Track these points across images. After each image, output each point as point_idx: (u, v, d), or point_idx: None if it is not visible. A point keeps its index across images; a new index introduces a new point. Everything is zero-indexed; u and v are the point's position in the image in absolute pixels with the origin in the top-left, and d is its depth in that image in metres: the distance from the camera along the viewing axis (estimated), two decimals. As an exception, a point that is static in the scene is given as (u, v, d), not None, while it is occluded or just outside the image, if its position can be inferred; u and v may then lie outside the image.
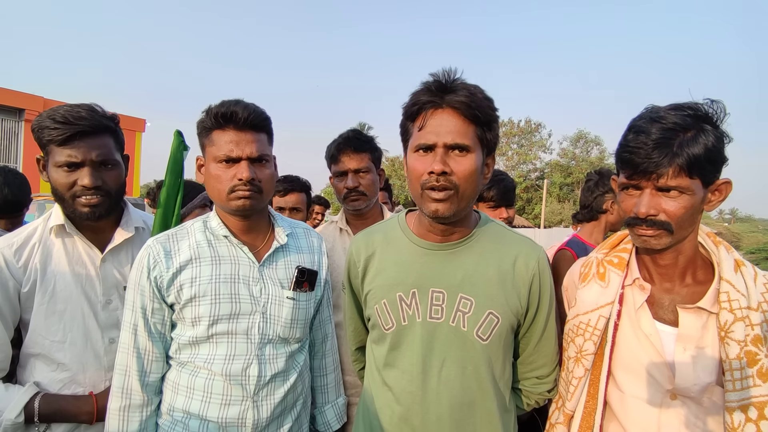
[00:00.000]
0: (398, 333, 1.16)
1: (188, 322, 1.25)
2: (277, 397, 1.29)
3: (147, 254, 1.26)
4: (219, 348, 1.24)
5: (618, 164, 1.07)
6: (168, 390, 1.28)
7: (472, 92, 1.06)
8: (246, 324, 1.27)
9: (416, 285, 1.15)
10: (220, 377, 1.23)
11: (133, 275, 1.26)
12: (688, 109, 1.01)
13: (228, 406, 1.23)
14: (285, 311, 1.32)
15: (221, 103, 1.27)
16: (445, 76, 1.07)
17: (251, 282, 1.30)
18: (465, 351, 1.12)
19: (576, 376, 1.15)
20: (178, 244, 1.29)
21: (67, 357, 1.30)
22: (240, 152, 1.24)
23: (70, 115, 1.26)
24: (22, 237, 1.32)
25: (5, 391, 1.25)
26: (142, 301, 1.24)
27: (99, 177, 1.30)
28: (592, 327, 1.13)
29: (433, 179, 1.04)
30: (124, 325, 1.25)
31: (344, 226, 1.94)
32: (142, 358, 1.24)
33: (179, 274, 1.25)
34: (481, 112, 1.06)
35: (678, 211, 1.00)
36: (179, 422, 1.24)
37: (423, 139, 1.06)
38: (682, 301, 1.06)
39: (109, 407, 1.23)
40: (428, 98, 1.06)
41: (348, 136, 1.88)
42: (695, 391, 1.01)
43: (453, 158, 1.06)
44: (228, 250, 1.31)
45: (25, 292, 1.28)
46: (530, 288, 1.16)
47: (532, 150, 41.53)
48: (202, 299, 1.23)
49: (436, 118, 1.06)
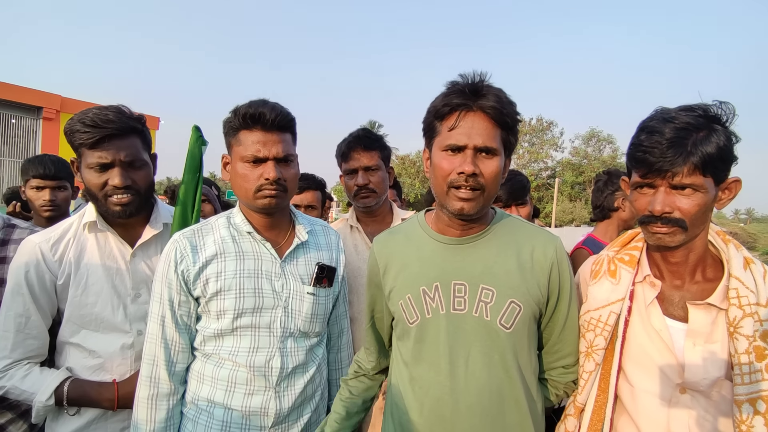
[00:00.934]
0: (422, 326, 1.18)
1: (213, 315, 1.30)
2: (298, 388, 1.35)
3: (174, 248, 1.30)
4: (243, 341, 1.30)
5: (631, 164, 1.10)
6: (193, 380, 1.33)
7: (500, 97, 1.10)
8: (269, 318, 1.32)
9: (438, 278, 1.18)
10: (245, 368, 1.28)
11: (160, 268, 1.32)
12: (698, 110, 1.04)
13: (251, 395, 1.29)
14: (305, 306, 1.37)
15: (249, 104, 1.30)
16: (475, 79, 1.11)
17: (273, 277, 1.35)
18: (490, 340, 1.14)
19: (586, 370, 1.18)
20: (204, 239, 1.34)
21: (97, 345, 1.37)
22: (267, 152, 1.28)
23: (99, 119, 1.32)
24: (58, 232, 1.39)
25: (39, 375, 1.33)
26: (170, 294, 1.29)
27: (128, 177, 1.36)
28: (602, 323, 1.16)
29: (462, 179, 1.08)
30: (152, 316, 1.31)
31: (355, 223, 1.98)
32: (170, 348, 1.30)
33: (205, 269, 1.30)
34: (509, 117, 1.11)
35: (692, 209, 1.03)
36: (204, 411, 1.29)
37: (453, 139, 1.10)
38: (692, 297, 1.09)
39: (138, 396, 1.28)
40: (461, 100, 1.10)
41: (358, 135, 1.92)
42: (704, 385, 1.04)
43: (481, 160, 1.10)
44: (251, 246, 1.36)
45: (61, 284, 1.35)
46: (549, 276, 1.19)
47: (543, 148, 41.18)
48: (227, 293, 1.28)
49: (468, 120, 1.09)
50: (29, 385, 1.31)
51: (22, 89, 11.77)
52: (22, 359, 1.34)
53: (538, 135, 41.32)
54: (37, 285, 1.32)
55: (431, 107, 1.16)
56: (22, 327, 1.32)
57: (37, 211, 2.28)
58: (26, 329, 1.33)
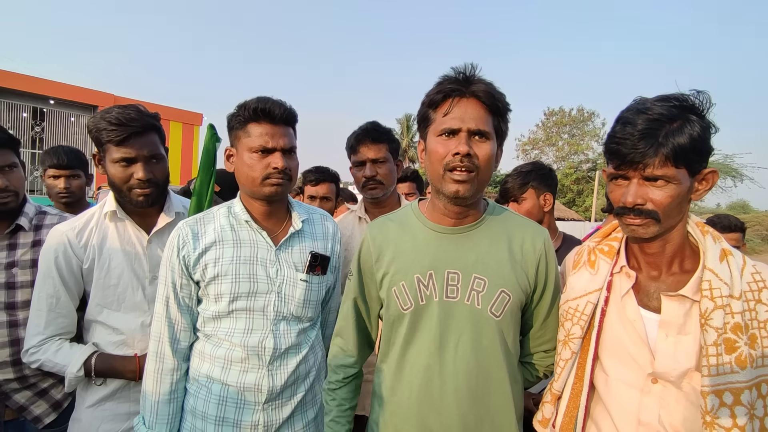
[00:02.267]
0: (416, 312, 1.23)
1: (212, 298, 1.40)
2: (290, 367, 1.43)
3: (177, 235, 1.41)
4: (238, 322, 1.39)
5: (606, 155, 1.11)
6: (195, 358, 1.44)
7: (491, 85, 1.17)
8: (263, 302, 1.41)
9: (433, 267, 1.22)
10: (240, 348, 1.38)
11: (165, 253, 1.43)
12: (674, 100, 1.04)
13: (246, 373, 1.38)
14: (298, 292, 1.46)
15: (258, 99, 1.41)
16: (468, 68, 1.17)
17: (268, 264, 1.44)
18: (480, 327, 1.20)
19: (563, 358, 1.21)
20: (205, 227, 1.44)
21: (120, 323, 1.53)
22: (275, 143, 1.38)
23: (123, 117, 1.45)
24: (82, 221, 1.55)
25: (70, 350, 1.50)
26: (173, 277, 1.40)
27: (150, 170, 1.51)
28: (579, 312, 1.18)
29: (457, 160, 1.13)
30: (159, 297, 1.42)
31: (363, 214, 2.05)
32: (173, 326, 1.41)
33: (204, 255, 1.40)
34: (500, 103, 1.17)
35: (664, 200, 1.03)
36: (203, 386, 1.40)
37: (448, 123, 1.15)
38: (667, 289, 1.10)
39: (146, 369, 1.41)
40: (454, 86, 1.16)
41: (367, 128, 1.98)
42: (674, 375, 1.05)
43: (475, 143, 1.15)
44: (248, 234, 1.45)
45: (86, 268, 1.51)
46: (537, 267, 1.24)
47: (584, 140, 39.58)
48: (224, 278, 1.38)
49: (461, 105, 1.15)
50: (61, 358, 1.48)
51: (80, 89, 12.62)
52: (54, 335, 1.51)
53: (578, 126, 39.75)
54: (65, 269, 1.49)
55: (425, 98, 1.22)
56: (53, 306, 1.49)
57: (55, 198, 2.49)
58: (57, 308, 1.50)
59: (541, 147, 39.28)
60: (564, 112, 39.66)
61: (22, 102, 12.03)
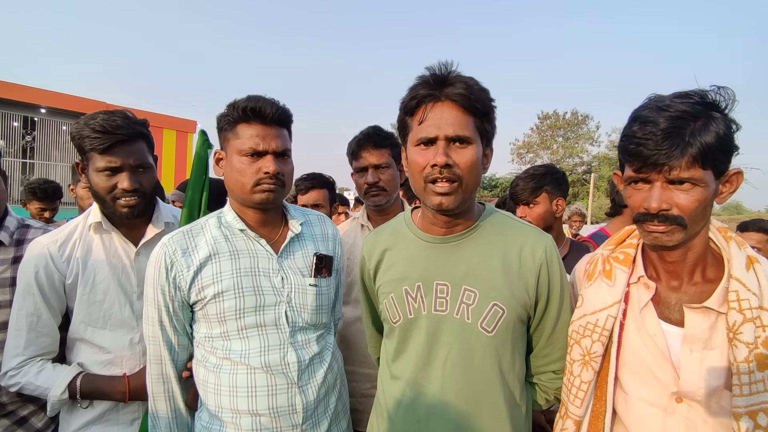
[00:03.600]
0: (405, 326, 1.18)
1: (214, 319, 1.27)
2: (319, 378, 1.33)
3: (163, 253, 1.28)
4: (251, 342, 1.27)
5: (623, 157, 1.03)
6: (210, 394, 1.28)
7: (469, 84, 1.07)
8: (273, 315, 1.30)
9: (421, 278, 1.17)
10: (261, 370, 1.25)
11: (150, 273, 1.30)
12: (694, 96, 0.96)
13: (275, 396, 1.26)
14: (309, 299, 1.36)
15: (248, 98, 1.30)
16: (441, 69, 1.09)
17: (271, 273, 1.33)
18: (470, 343, 1.13)
19: (585, 380, 1.11)
20: (195, 240, 1.32)
21: (106, 341, 1.43)
22: (266, 146, 1.27)
23: (108, 125, 1.37)
24: (65, 233, 1.46)
25: (53, 371, 1.40)
26: (164, 300, 1.28)
27: (136, 180, 1.42)
28: (600, 327, 1.09)
29: (436, 172, 1.06)
30: (149, 320, 1.30)
31: (365, 222, 1.98)
32: (172, 348, 1.34)
33: (200, 272, 1.28)
34: (480, 103, 1.08)
35: (691, 205, 0.95)
36: (229, 423, 1.25)
37: (424, 132, 1.08)
38: (690, 300, 1.02)
39: (153, 391, 1.33)
40: (427, 92, 1.08)
41: (368, 132, 1.91)
42: (702, 394, 0.98)
43: (455, 150, 1.07)
44: (245, 244, 1.34)
45: (69, 284, 1.42)
46: (538, 278, 1.14)
47: (578, 143, 39.80)
48: (225, 294, 1.26)
49: (436, 111, 1.08)
50: (43, 380, 1.38)
51: (71, 97, 12.47)
52: (35, 356, 1.41)
53: (572, 129, 39.97)
54: (46, 285, 1.40)
55: (401, 104, 1.15)
56: (33, 325, 1.40)
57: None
58: (38, 327, 1.40)
59: (535, 150, 39.48)
60: (558, 116, 39.94)
61: (12, 111, 11.89)
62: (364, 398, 1.79)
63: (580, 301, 1.17)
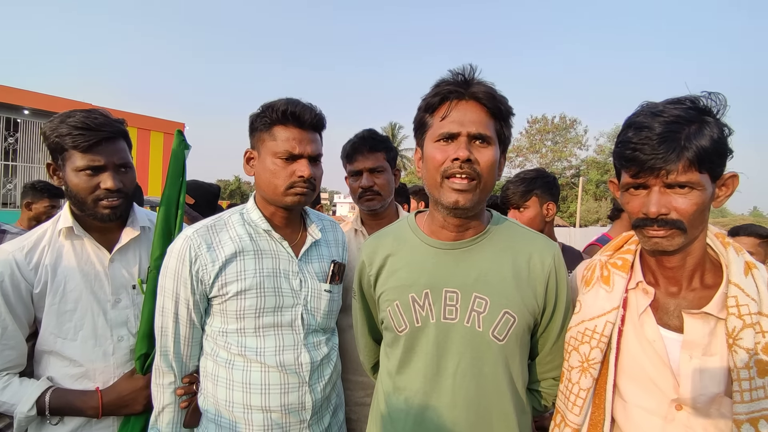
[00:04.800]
0: (411, 335, 1.14)
1: (231, 315, 1.28)
2: (326, 377, 1.38)
3: (188, 246, 1.27)
4: (267, 341, 1.29)
5: (619, 163, 1.01)
6: (221, 388, 1.30)
7: (492, 87, 1.09)
8: (290, 316, 1.32)
9: (429, 285, 1.12)
10: (275, 369, 1.28)
11: (172, 265, 1.29)
12: (686, 101, 0.96)
13: (287, 394, 1.29)
14: (323, 303, 1.39)
15: (288, 101, 1.31)
16: (467, 69, 1.09)
17: (291, 276, 1.35)
18: (481, 352, 1.09)
19: (583, 387, 1.08)
20: (219, 236, 1.32)
21: (78, 354, 1.35)
22: (302, 150, 1.29)
23: (90, 122, 1.31)
24: (32, 240, 1.37)
25: (19, 386, 1.31)
26: (185, 293, 1.28)
27: (120, 180, 1.36)
28: (599, 334, 1.06)
29: (456, 166, 1.04)
30: (163, 311, 1.30)
31: (359, 227, 1.93)
32: (180, 342, 1.32)
33: (225, 268, 1.28)
34: (502, 105, 1.09)
35: (690, 208, 0.94)
36: (240, 419, 1.28)
37: (446, 128, 1.07)
38: (689, 306, 1.00)
39: (162, 383, 1.32)
40: (453, 88, 1.08)
41: (363, 136, 1.88)
42: (702, 401, 0.94)
43: (476, 148, 1.06)
44: (269, 245, 1.35)
45: (37, 293, 1.33)
46: (546, 286, 1.14)
47: (567, 147, 40.23)
48: (248, 293, 1.27)
49: (460, 109, 1.07)
50: (9, 396, 1.29)
51: (55, 99, 12.27)
52: (1, 371, 1.32)
53: (561, 133, 40.40)
54: (12, 295, 1.31)
55: (422, 102, 1.13)
56: None
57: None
58: (3, 340, 1.31)
59: (525, 154, 39.80)
60: (547, 120, 40.34)
61: (-6, 113, 11.64)
62: (358, 407, 1.74)
63: (578, 307, 1.14)
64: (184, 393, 1.34)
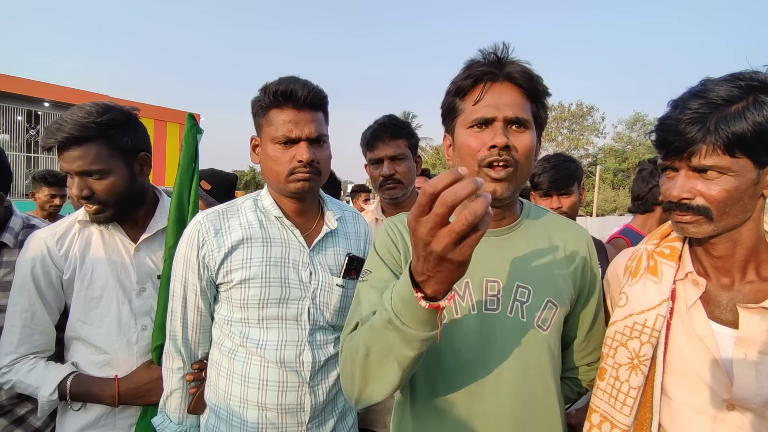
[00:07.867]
0: (450, 328, 1.06)
1: (236, 303, 1.24)
2: (332, 379, 1.29)
3: (197, 231, 1.25)
4: (270, 333, 1.24)
5: (653, 143, 0.97)
6: (222, 377, 1.27)
7: (527, 67, 1.01)
8: (296, 310, 1.25)
9: (468, 275, 1.03)
10: (275, 365, 1.23)
11: (182, 249, 1.27)
12: (743, 78, 0.87)
13: (285, 393, 1.23)
14: (334, 298, 1.30)
15: (279, 81, 1.23)
16: (500, 49, 1.01)
17: (301, 267, 1.28)
18: (526, 343, 1.03)
19: (634, 385, 1.01)
20: (229, 222, 1.28)
21: (103, 341, 1.35)
22: (299, 132, 1.21)
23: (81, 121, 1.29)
24: (63, 227, 1.38)
25: (44, 370, 1.33)
26: (193, 278, 1.26)
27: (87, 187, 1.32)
28: (649, 328, 1.00)
29: (494, 153, 0.96)
30: (174, 294, 1.29)
31: (380, 215, 1.90)
32: (187, 327, 1.30)
33: (230, 255, 1.24)
34: (539, 86, 1.01)
35: (718, 195, 0.87)
36: (236, 413, 1.24)
37: (480, 113, 0.98)
38: (744, 299, 0.93)
39: (171, 367, 1.31)
40: (486, 69, 1.00)
41: (384, 122, 1.83)
42: (757, 402, 0.88)
43: (513, 134, 0.99)
44: (279, 232, 1.29)
45: (66, 279, 1.34)
46: (582, 272, 1.10)
47: (584, 135, 39.45)
48: (252, 281, 1.22)
49: (494, 91, 0.99)
50: (34, 379, 1.31)
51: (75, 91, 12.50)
52: (29, 354, 1.34)
53: (578, 121, 39.60)
54: (43, 280, 1.32)
55: (450, 86, 1.06)
56: (28, 322, 1.32)
57: None
58: (32, 324, 1.33)
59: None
60: (563, 107, 39.55)
61: (16, 105, 11.89)
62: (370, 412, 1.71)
63: (624, 300, 1.07)
64: (193, 379, 1.33)
